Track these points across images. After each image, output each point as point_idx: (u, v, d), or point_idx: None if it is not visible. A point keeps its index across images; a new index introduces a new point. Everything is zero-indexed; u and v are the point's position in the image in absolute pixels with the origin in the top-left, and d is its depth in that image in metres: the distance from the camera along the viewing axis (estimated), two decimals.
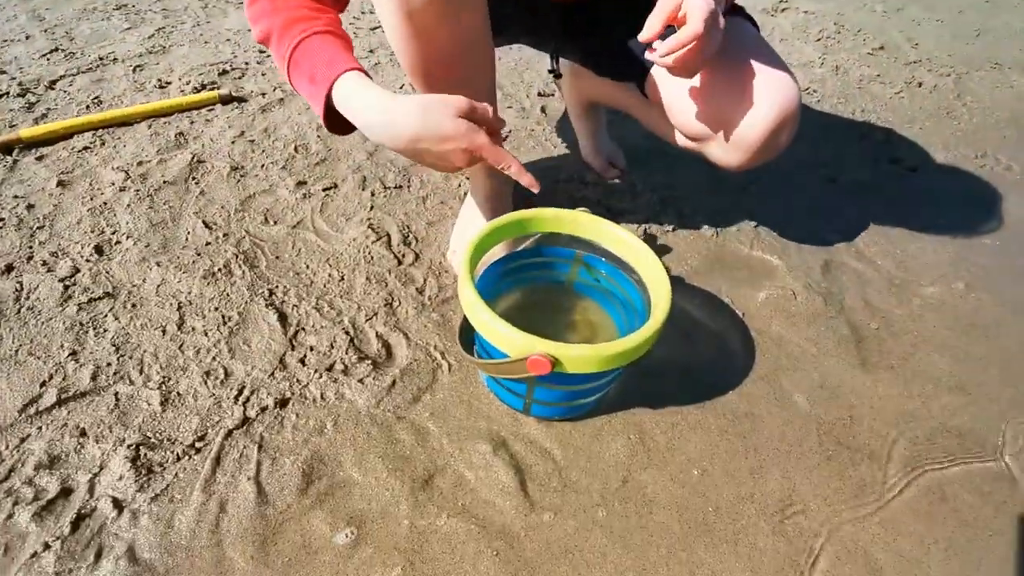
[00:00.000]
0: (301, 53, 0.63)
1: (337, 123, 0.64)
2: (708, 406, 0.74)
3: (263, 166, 1.08)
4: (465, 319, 0.70)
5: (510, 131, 1.25)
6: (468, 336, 0.71)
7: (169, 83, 1.34)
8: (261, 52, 1.50)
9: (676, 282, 0.91)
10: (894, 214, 1.10)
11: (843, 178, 1.18)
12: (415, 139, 0.58)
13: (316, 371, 0.74)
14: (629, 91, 0.94)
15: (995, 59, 1.75)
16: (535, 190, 0.63)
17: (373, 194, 1.03)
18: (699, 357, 0.80)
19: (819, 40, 1.79)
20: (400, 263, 0.90)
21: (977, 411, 0.76)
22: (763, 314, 0.87)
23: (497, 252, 0.78)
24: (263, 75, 1.40)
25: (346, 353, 0.76)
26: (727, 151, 0.77)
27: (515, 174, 0.61)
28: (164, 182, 1.02)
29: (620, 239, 0.70)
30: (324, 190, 1.04)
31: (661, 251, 0.97)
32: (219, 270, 0.86)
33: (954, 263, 0.99)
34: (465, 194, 1.04)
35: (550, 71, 0.98)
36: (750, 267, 0.95)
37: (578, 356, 0.56)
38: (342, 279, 0.87)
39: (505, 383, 0.67)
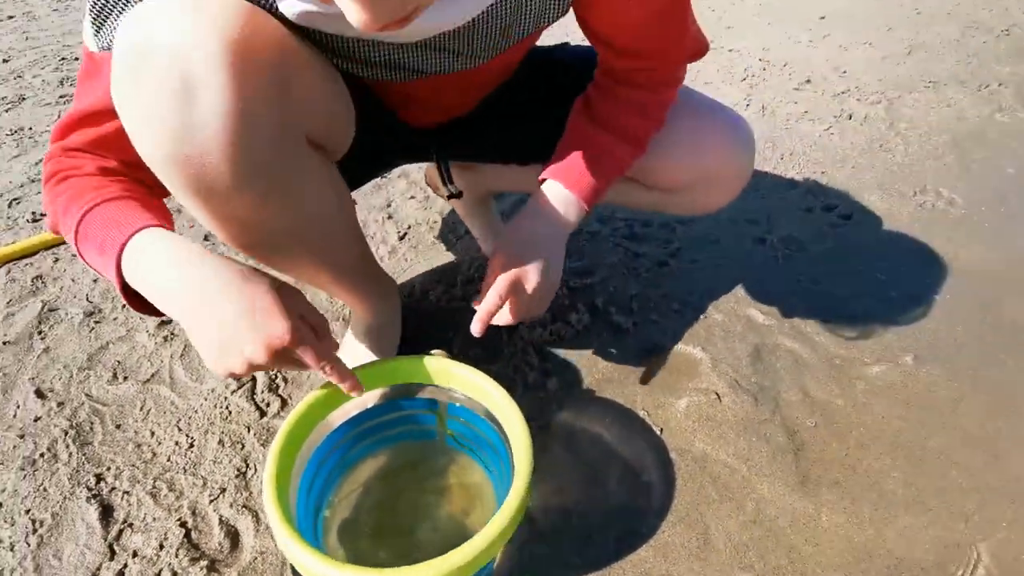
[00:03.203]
0: (89, 222, 0.49)
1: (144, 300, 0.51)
2: (616, 570, 0.61)
3: (124, 306, 0.97)
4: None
5: (408, 227, 1.15)
6: None
7: (43, 215, 1.24)
8: None
9: (585, 398, 0.79)
10: (830, 274, 0.99)
11: (773, 237, 1.08)
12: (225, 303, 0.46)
13: None
14: (536, 170, 0.85)
15: (929, 76, 1.69)
16: (355, 395, 0.55)
17: None
18: (608, 501, 0.67)
19: (744, 80, 1.73)
20: (263, 414, 0.78)
21: (941, 533, 0.63)
22: (684, 427, 0.75)
23: (349, 410, 0.65)
24: None
25: (176, 555, 0.63)
26: (710, 194, 0.78)
27: (336, 378, 0.53)
28: (5, 343, 0.90)
29: (476, 386, 0.58)
30: None
31: (553, 369, 0.85)
32: (41, 456, 0.73)
33: (899, 330, 0.88)
34: (350, 313, 0.93)
35: (449, 196, 0.87)
36: (670, 365, 0.84)
37: None
38: (191, 446, 0.74)
39: None
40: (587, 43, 0.67)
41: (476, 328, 0.59)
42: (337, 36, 0.52)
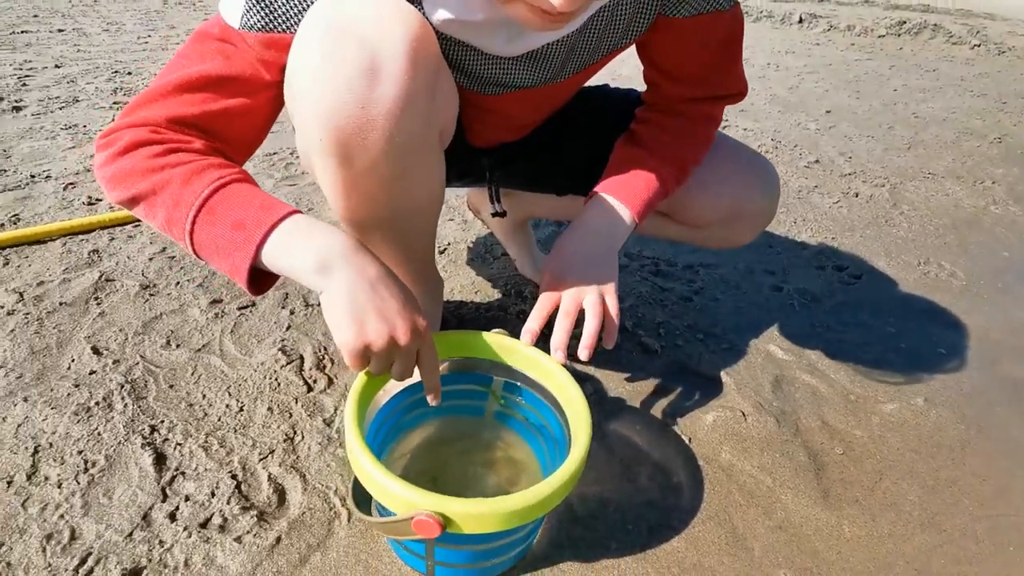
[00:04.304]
0: (221, 199, 0.51)
1: (256, 280, 0.54)
2: (650, 556, 0.64)
3: (178, 284, 1.01)
4: None
5: (448, 244, 1.22)
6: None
7: (100, 200, 1.29)
8: None
9: (617, 405, 0.83)
10: (843, 323, 1.06)
11: (789, 286, 1.15)
12: (387, 285, 0.53)
13: (186, 528, 0.62)
14: (573, 200, 0.92)
15: (928, 169, 1.83)
16: (432, 403, 0.61)
17: (292, 312, 0.96)
18: (640, 495, 0.71)
19: None
20: (310, 389, 0.81)
21: (956, 552, 0.67)
22: (712, 439, 0.79)
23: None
24: None
25: (228, 503, 0.65)
26: (737, 230, 0.85)
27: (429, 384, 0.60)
28: (60, 303, 0.94)
29: (535, 363, 0.63)
30: (240, 309, 0.96)
31: (585, 378, 0.90)
32: (96, 404, 0.76)
33: (909, 376, 0.94)
34: None
35: (494, 214, 0.93)
36: (697, 384, 0.88)
37: (472, 514, 0.46)
38: (241, 410, 0.77)
39: (403, 541, 0.56)
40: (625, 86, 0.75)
41: (559, 356, 0.63)
42: (461, 45, 0.60)
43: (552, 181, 0.91)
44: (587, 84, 0.82)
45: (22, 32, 3.07)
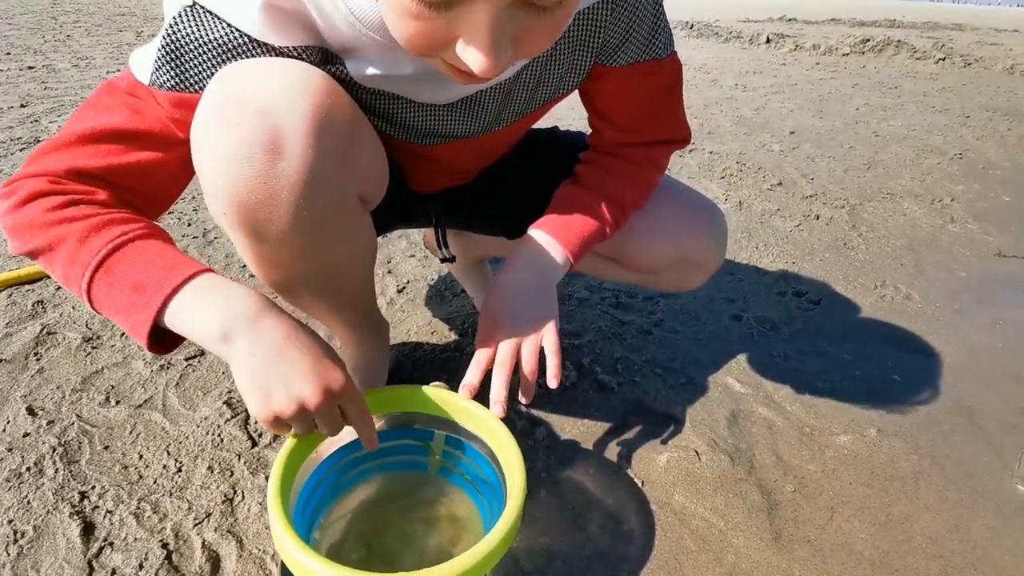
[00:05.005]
0: (121, 258, 0.49)
1: (161, 341, 0.52)
2: None
3: (123, 335, 0.99)
4: None
5: (408, 282, 1.21)
6: None
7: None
8: None
9: (571, 449, 0.82)
10: (801, 351, 1.06)
11: (748, 315, 1.16)
12: (293, 340, 0.50)
13: None
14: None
15: (887, 189, 1.86)
16: (368, 448, 0.58)
17: None
18: (590, 545, 0.69)
19: (723, 178, 1.89)
20: (255, 444, 0.79)
21: None
22: (665, 481, 0.78)
23: (344, 437, 0.68)
24: None
25: (156, 575, 0.62)
26: (687, 275, 0.83)
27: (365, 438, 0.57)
28: (1, 361, 0.91)
29: (473, 416, 0.62)
30: (187, 359, 0.94)
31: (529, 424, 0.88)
32: (27, 469, 0.73)
33: (864, 405, 0.93)
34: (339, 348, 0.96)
35: (443, 260, 0.91)
36: (653, 422, 0.87)
37: None
38: (179, 470, 0.75)
39: None
40: (574, 128, 0.75)
41: (497, 409, 0.61)
42: (392, 97, 0.59)
43: (501, 225, 0.90)
44: (535, 127, 0.81)
45: None
